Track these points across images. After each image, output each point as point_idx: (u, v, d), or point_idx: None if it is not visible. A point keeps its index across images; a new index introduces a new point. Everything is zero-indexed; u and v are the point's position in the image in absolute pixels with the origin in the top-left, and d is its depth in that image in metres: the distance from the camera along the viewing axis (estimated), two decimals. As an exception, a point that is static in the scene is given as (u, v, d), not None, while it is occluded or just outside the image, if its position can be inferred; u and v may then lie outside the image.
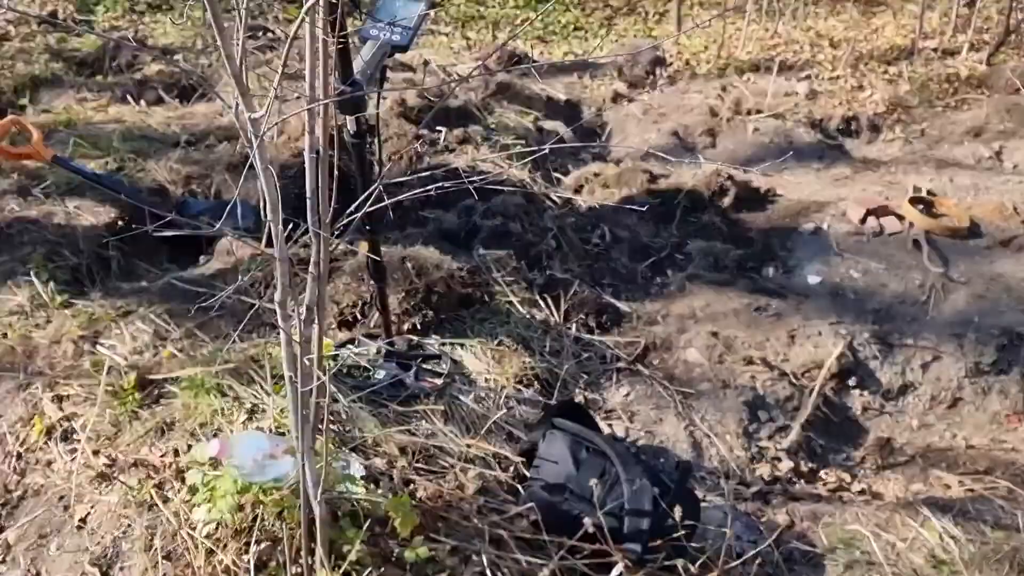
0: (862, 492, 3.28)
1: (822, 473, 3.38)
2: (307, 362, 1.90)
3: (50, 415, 2.85)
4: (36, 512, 2.64)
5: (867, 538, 2.84)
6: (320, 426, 2.00)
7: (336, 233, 1.78)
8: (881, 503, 3.11)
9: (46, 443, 2.80)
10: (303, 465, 2.03)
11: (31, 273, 3.50)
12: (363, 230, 2.63)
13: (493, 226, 4.07)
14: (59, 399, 2.91)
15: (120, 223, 4.00)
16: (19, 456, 2.80)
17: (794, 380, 3.64)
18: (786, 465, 3.31)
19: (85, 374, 2.99)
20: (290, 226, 1.93)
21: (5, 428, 2.85)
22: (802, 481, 3.30)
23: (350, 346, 3.20)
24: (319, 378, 1.91)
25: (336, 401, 2.79)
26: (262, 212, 3.73)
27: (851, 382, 3.72)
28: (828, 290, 4.16)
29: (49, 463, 2.77)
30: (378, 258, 2.72)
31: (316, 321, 1.89)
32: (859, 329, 3.86)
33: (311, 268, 1.82)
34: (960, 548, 2.80)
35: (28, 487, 2.72)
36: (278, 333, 3.22)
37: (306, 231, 1.76)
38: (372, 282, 2.94)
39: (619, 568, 2.18)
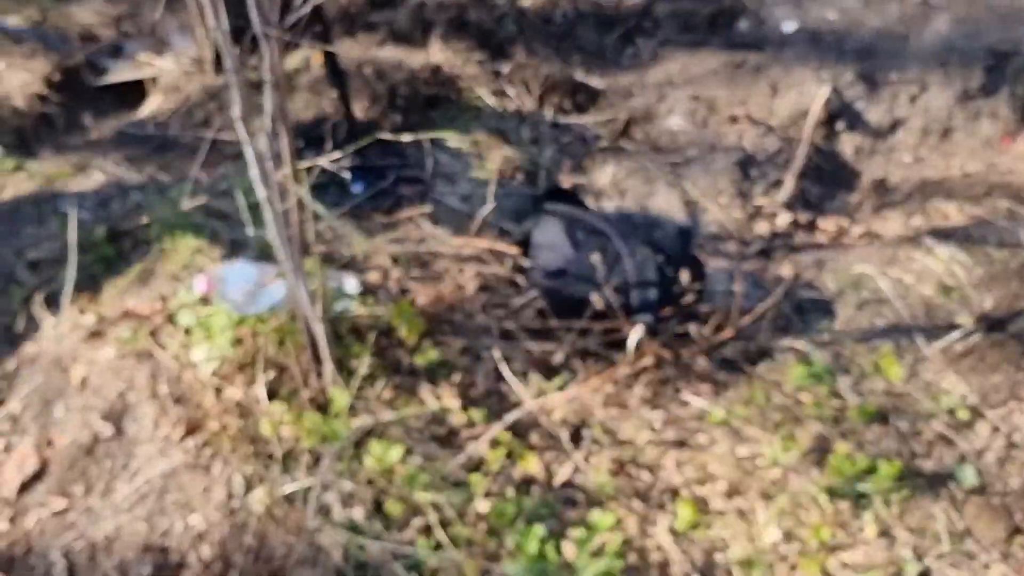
0: (863, 235, 3.26)
1: (820, 222, 3.34)
2: (280, 179, 1.80)
3: (26, 281, 2.76)
4: (34, 380, 2.59)
5: (874, 277, 2.83)
6: (307, 241, 1.92)
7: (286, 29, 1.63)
8: (884, 242, 3.08)
9: (28, 310, 2.73)
10: (295, 286, 1.97)
11: (-26, 142, 3.34)
12: (313, 31, 2.45)
13: (448, 19, 3.86)
14: (32, 265, 2.81)
15: (56, 76, 3.78)
16: (4, 328, 2.72)
17: (782, 132, 3.56)
18: (784, 219, 3.27)
19: (53, 236, 2.88)
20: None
21: (-17, 302, 2.77)
22: (801, 232, 3.27)
23: (321, 163, 3.08)
24: (296, 193, 1.82)
25: (318, 220, 2.70)
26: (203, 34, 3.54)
27: (839, 126, 3.64)
28: (805, 36, 4.00)
29: (37, 330, 2.70)
30: (332, 50, 2.55)
31: (281, 133, 1.78)
32: (842, 71, 3.73)
33: (265, 75, 1.68)
34: (967, 272, 2.79)
35: (20, 357, 2.66)
36: (244, 162, 3.11)
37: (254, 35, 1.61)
38: (333, 90, 2.79)
39: (639, 331, 2.16)
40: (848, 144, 3.62)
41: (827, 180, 3.51)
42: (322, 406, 2.24)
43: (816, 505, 2.12)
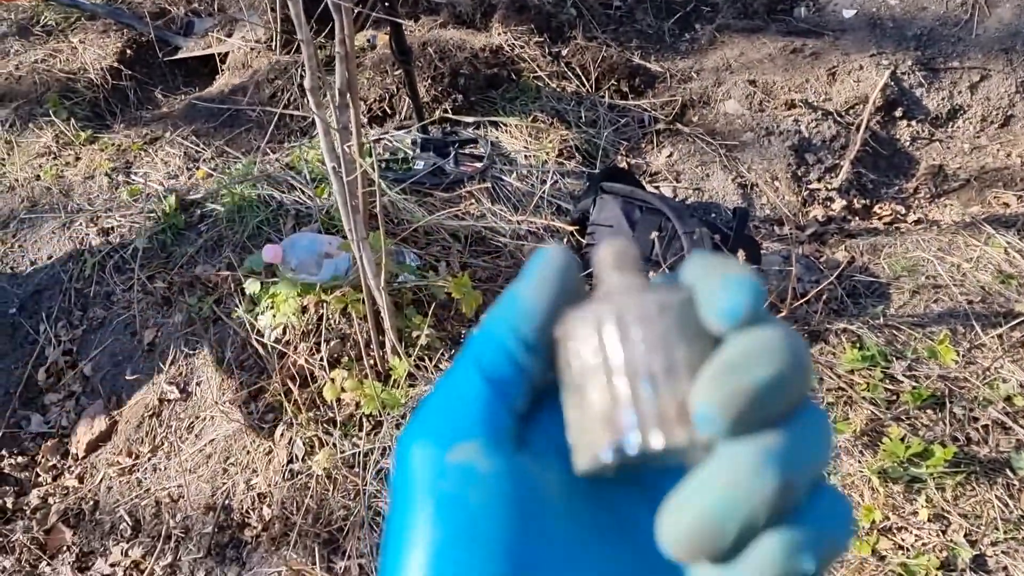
0: (919, 221, 3.23)
1: (876, 208, 3.32)
2: (347, 150, 1.84)
3: (99, 248, 2.84)
4: (105, 343, 2.68)
5: (931, 262, 2.80)
6: (373, 211, 1.95)
7: (357, 2, 1.67)
8: (940, 228, 3.05)
9: (100, 276, 2.81)
10: (360, 257, 2.00)
11: (50, 113, 3.43)
12: (381, 6, 2.48)
13: (509, 1, 3.87)
14: (104, 232, 2.89)
15: (129, 52, 3.87)
16: (77, 292, 2.81)
17: (839, 118, 3.52)
18: (839, 204, 3.25)
19: (124, 204, 2.97)
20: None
21: (58, 268, 2.86)
22: (857, 218, 3.25)
23: (385, 138, 3.12)
24: (362, 165, 1.85)
25: (382, 194, 2.74)
26: (270, 16, 3.60)
27: (898, 113, 3.59)
28: (865, 21, 3.95)
29: (108, 295, 2.78)
30: (399, 26, 2.56)
31: (350, 104, 1.81)
32: (902, 57, 3.69)
33: (336, 48, 1.72)
34: (1027, 260, 2.76)
35: (91, 320, 2.75)
36: (310, 138, 3.17)
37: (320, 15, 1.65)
38: (398, 68, 2.82)
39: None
40: (906, 131, 3.58)
41: (883, 166, 3.48)
42: (382, 374, 2.29)
43: (868, 487, 2.12)
